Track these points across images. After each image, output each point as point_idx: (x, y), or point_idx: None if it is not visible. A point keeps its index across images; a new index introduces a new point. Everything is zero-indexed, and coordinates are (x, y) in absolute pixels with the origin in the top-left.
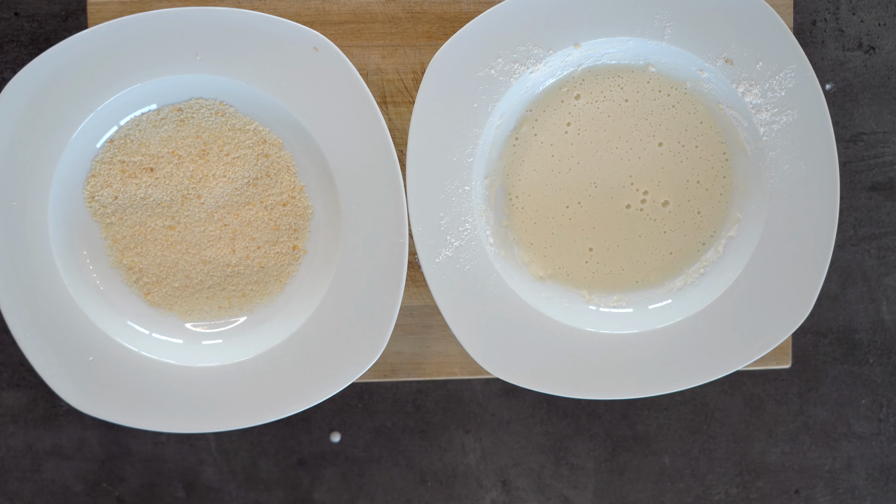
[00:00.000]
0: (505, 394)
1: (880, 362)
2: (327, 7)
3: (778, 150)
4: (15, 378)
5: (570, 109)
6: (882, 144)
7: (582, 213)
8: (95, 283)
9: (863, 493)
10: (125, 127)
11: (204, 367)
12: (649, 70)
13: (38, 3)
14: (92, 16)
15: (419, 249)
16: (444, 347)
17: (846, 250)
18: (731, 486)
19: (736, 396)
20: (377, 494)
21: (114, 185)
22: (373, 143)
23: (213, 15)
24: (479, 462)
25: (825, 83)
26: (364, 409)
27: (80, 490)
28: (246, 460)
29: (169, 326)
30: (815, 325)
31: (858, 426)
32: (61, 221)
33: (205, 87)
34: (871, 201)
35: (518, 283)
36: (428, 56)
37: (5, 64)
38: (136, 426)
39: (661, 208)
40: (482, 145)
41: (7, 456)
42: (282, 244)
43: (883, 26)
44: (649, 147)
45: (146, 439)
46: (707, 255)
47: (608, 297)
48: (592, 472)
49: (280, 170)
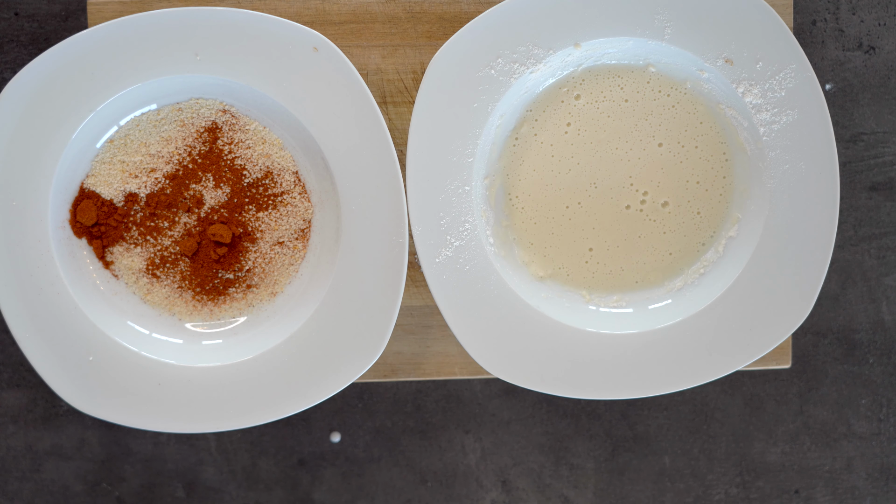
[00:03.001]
0: (505, 394)
1: (880, 362)
2: (327, 7)
3: (778, 150)
4: (15, 378)
5: (570, 109)
6: (882, 144)
7: (582, 214)
8: (95, 283)
9: (863, 493)
10: (125, 127)
11: (204, 367)
12: (649, 70)
13: (38, 3)
14: (92, 16)
15: (419, 249)
16: (444, 347)
17: (846, 250)
18: (731, 486)
19: (736, 396)
20: (377, 494)
21: (114, 185)
22: (373, 143)
23: (213, 15)
24: (479, 462)
25: (825, 83)
26: (364, 409)
27: (80, 490)
28: (246, 460)
29: (169, 326)
30: (815, 325)
31: (858, 426)
32: (61, 221)
33: (205, 87)
34: (871, 201)
35: (518, 283)
36: (428, 56)
37: (5, 64)
38: (136, 426)
39: (660, 209)
40: (482, 145)
41: (7, 456)
42: (282, 244)
43: (883, 26)
44: (649, 147)
45: (146, 439)
46: (707, 256)
47: (608, 297)
48: (592, 472)
49: (280, 170)
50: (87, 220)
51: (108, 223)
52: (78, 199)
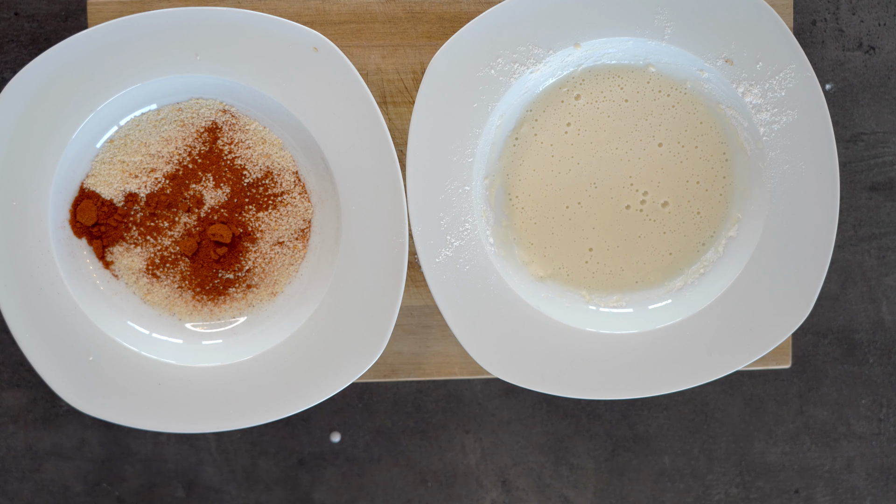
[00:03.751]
0: (505, 394)
1: (880, 362)
2: (327, 7)
3: (778, 150)
4: (15, 378)
5: (570, 109)
6: (882, 144)
7: (582, 214)
8: (95, 283)
9: (863, 493)
10: (125, 127)
11: (204, 367)
12: (649, 70)
13: (38, 3)
14: (92, 16)
15: (419, 249)
16: (444, 347)
17: (846, 250)
18: (731, 486)
19: (736, 396)
20: (377, 494)
21: (114, 185)
22: (373, 143)
23: (213, 15)
24: (479, 462)
25: (825, 83)
26: (364, 409)
27: (80, 490)
28: (246, 460)
29: (169, 326)
30: (815, 325)
31: (858, 426)
32: (61, 221)
33: (205, 87)
34: (871, 201)
35: (518, 283)
36: (428, 56)
37: (5, 64)
38: (136, 426)
39: (660, 209)
40: (482, 145)
41: (7, 456)
42: (282, 244)
43: (883, 26)
44: (649, 147)
45: (146, 439)
46: (707, 256)
47: (608, 297)
48: (592, 472)
49: (280, 170)
50: (87, 220)
51: (108, 223)
52: (78, 199)
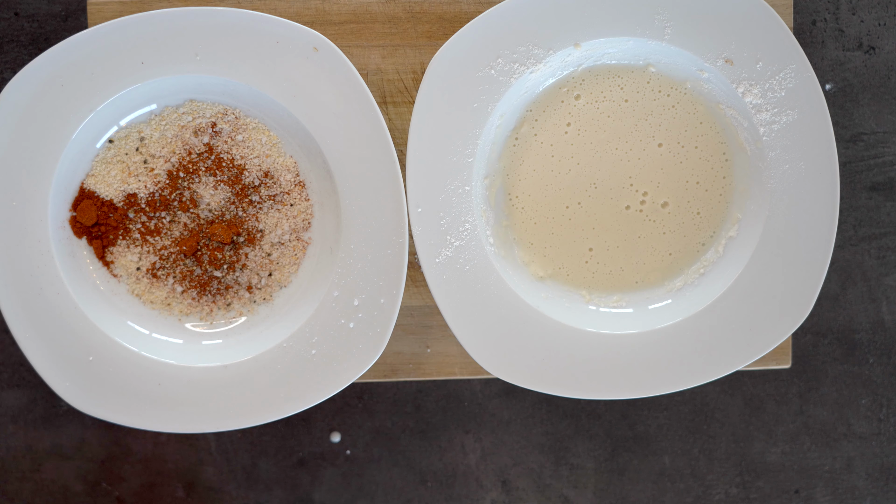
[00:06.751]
0: (505, 394)
1: (880, 362)
2: (327, 7)
3: (778, 150)
4: (15, 378)
5: (570, 109)
6: (882, 144)
7: (582, 214)
8: (95, 283)
9: (863, 493)
10: (125, 127)
11: (204, 367)
12: (649, 70)
13: (38, 3)
14: (92, 16)
15: (419, 249)
16: (444, 347)
17: (846, 250)
18: (731, 486)
19: (736, 396)
20: (377, 494)
21: (114, 185)
22: (373, 143)
23: (213, 15)
24: (479, 462)
25: (825, 83)
26: (364, 409)
27: (80, 490)
28: (246, 460)
29: (169, 326)
30: (815, 325)
31: (858, 426)
32: (61, 221)
33: (205, 87)
34: (871, 201)
35: (518, 283)
36: (428, 56)
37: (5, 64)
38: (136, 426)
39: (660, 209)
40: (482, 145)
41: (7, 456)
42: (282, 244)
43: (883, 26)
44: (649, 148)
45: (146, 439)
46: (707, 256)
47: (608, 297)
48: (592, 472)
49: (280, 170)
50: (87, 220)
51: (108, 223)
52: (78, 199)
